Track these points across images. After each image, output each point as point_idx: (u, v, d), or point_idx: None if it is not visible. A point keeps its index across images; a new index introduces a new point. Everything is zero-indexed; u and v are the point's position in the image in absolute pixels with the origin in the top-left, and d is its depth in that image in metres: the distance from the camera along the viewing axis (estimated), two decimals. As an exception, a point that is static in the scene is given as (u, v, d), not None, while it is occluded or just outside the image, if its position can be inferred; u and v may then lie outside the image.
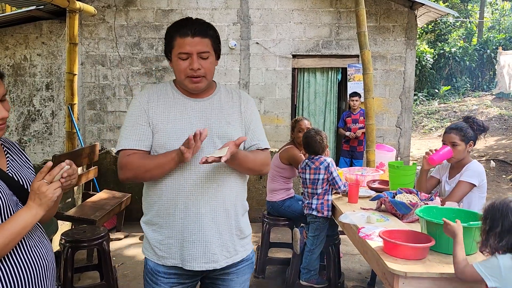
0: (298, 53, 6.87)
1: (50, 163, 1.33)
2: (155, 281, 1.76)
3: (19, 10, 6.45)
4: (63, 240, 3.20)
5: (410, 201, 2.58)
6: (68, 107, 4.96)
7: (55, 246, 3.73)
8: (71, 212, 4.04)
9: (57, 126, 7.02)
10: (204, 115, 1.73)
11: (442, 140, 2.85)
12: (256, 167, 1.77)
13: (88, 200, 4.51)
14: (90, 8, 5.26)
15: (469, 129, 2.73)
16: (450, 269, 1.85)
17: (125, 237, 4.74)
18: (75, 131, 5.04)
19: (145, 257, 1.82)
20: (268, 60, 6.88)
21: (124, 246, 4.50)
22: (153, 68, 6.90)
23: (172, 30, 1.70)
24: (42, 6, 6.13)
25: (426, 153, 2.77)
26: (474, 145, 2.79)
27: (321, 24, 6.80)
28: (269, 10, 6.79)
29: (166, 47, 1.73)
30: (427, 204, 2.51)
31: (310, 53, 6.87)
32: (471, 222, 1.97)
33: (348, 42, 6.83)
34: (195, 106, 1.75)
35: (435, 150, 2.74)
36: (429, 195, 2.65)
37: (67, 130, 5.06)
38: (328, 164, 3.17)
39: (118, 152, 1.73)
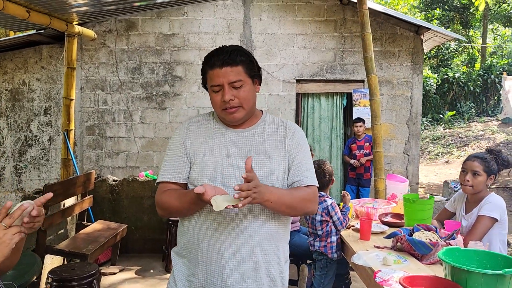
0: (302, 78, 6.72)
1: (9, 203, 1.14)
2: None
3: (20, 35, 6.36)
4: (49, 279, 2.95)
5: (430, 239, 2.34)
6: (63, 133, 4.78)
7: (41, 284, 3.46)
8: (62, 245, 3.80)
9: (54, 152, 6.83)
10: (243, 147, 1.62)
11: (462, 168, 2.66)
12: (295, 203, 1.55)
13: (81, 231, 4.28)
14: (89, 32, 5.15)
15: (493, 162, 2.55)
16: (485, 326, 1.59)
17: (120, 271, 4.46)
18: (71, 158, 4.84)
19: None
20: (272, 85, 6.73)
21: (118, 281, 4.22)
22: (154, 93, 6.75)
23: (204, 62, 1.64)
24: (42, 31, 6.04)
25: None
26: (494, 179, 2.60)
27: (325, 49, 6.68)
28: (272, 35, 6.68)
29: (203, 80, 1.67)
30: (449, 244, 2.27)
31: (314, 78, 6.72)
32: (506, 270, 1.72)
33: (353, 67, 6.69)
34: (235, 137, 1.65)
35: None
36: (450, 233, 2.41)
37: (62, 157, 4.86)
38: (327, 206, 2.90)
39: (157, 183, 1.70)
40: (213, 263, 1.55)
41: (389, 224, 2.98)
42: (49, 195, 1.20)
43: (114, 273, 4.38)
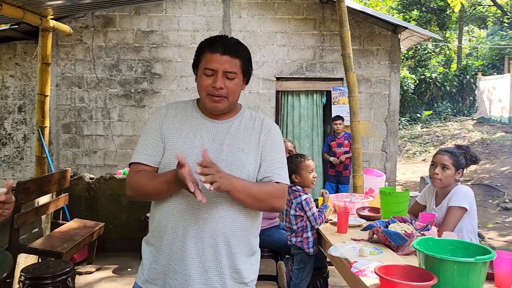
0: (281, 76, 6.74)
1: None
2: None
3: (-8, 30, 6.19)
4: (22, 277, 2.88)
5: (405, 231, 2.37)
6: (38, 130, 4.67)
7: (15, 284, 3.38)
8: (36, 244, 3.71)
9: (29, 151, 6.67)
10: (217, 138, 1.62)
11: (432, 161, 2.72)
12: (262, 196, 1.55)
13: (56, 230, 4.19)
14: (65, 27, 5.04)
15: (462, 157, 2.63)
16: (457, 312, 1.62)
17: (97, 270, 4.38)
18: (45, 155, 4.73)
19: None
20: (252, 83, 6.70)
21: (94, 280, 4.14)
22: (132, 91, 6.66)
23: (203, 44, 1.63)
24: (17, 26, 5.90)
25: None
26: (461, 174, 2.67)
27: (304, 47, 6.71)
28: (252, 33, 6.68)
29: (195, 61, 1.66)
30: (424, 234, 2.30)
31: (294, 76, 6.75)
32: (478, 257, 1.75)
33: (332, 65, 6.74)
34: (211, 127, 1.65)
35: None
36: (425, 225, 2.44)
37: (36, 155, 4.75)
38: (301, 201, 2.88)
39: (129, 165, 1.67)
40: (176, 250, 1.54)
41: (366, 218, 3.01)
42: (11, 181, 1.18)
43: (90, 272, 4.30)
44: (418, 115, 16.97)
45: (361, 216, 3.05)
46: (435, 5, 20.58)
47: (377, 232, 2.44)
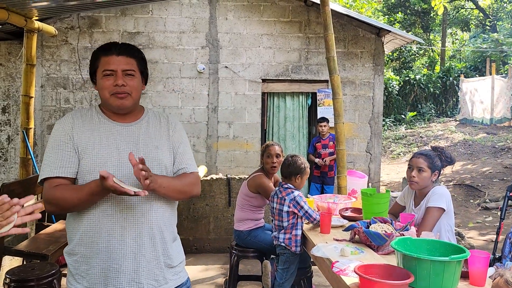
0: (267, 78, 6.80)
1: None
2: None
3: (-25, 30, 6.13)
4: (7, 279, 2.87)
5: (385, 231, 2.44)
6: (23, 131, 4.65)
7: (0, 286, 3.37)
8: (21, 246, 3.69)
9: (14, 152, 6.61)
10: (131, 140, 1.71)
11: (409, 164, 2.81)
12: (185, 188, 1.73)
13: (41, 232, 4.16)
14: (50, 28, 5.02)
15: (437, 159, 2.71)
16: (432, 309, 1.70)
17: (83, 271, 4.38)
18: (30, 157, 4.71)
19: None
20: (238, 84, 6.78)
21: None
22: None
23: (97, 51, 1.71)
24: (0, 26, 5.84)
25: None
26: (438, 176, 2.76)
27: (290, 49, 6.79)
28: (238, 34, 6.73)
29: (91, 69, 1.71)
30: (403, 234, 2.38)
31: (279, 78, 6.82)
32: (452, 256, 1.84)
33: (317, 67, 6.83)
34: (122, 131, 1.72)
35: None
36: (404, 225, 2.53)
37: (21, 156, 4.72)
38: (294, 197, 2.96)
39: (42, 181, 1.64)
40: (115, 250, 1.60)
41: (349, 218, 3.08)
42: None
43: (76, 274, 4.30)
44: (403, 116, 17.21)
45: (344, 217, 3.12)
46: (419, 7, 20.91)
47: (359, 232, 2.52)
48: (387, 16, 21.43)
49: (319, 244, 2.52)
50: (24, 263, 3.97)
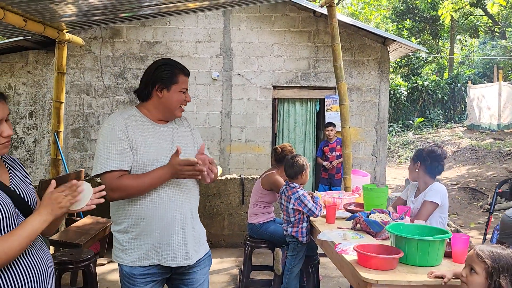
0: (278, 84, 7.18)
1: (75, 181, 1.55)
2: (132, 282, 2.00)
3: (6, 40, 6.59)
4: (49, 263, 3.26)
5: (383, 220, 2.78)
6: (54, 134, 5.06)
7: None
8: (55, 236, 4.09)
9: (39, 154, 7.06)
10: (170, 138, 2.07)
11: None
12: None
13: (72, 225, 4.57)
14: (78, 39, 5.46)
15: (421, 151, 3.06)
16: (416, 278, 2.04)
17: (108, 262, 4.77)
18: (60, 158, 5.13)
19: (119, 264, 2.02)
20: (250, 91, 7.16)
21: (107, 271, 4.54)
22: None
23: (176, 68, 2.06)
24: (30, 37, 6.30)
25: None
26: (419, 166, 3.05)
27: (300, 58, 7.16)
28: (250, 44, 7.12)
29: (166, 80, 2.03)
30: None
31: (289, 85, 7.19)
32: (436, 236, 2.18)
33: (325, 75, 7.18)
34: (162, 131, 2.07)
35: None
36: (400, 215, 2.86)
37: (52, 157, 5.13)
38: (299, 196, 3.28)
39: (101, 174, 1.93)
40: (168, 227, 1.97)
41: (352, 212, 3.42)
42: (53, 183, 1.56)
43: (102, 264, 4.69)
44: (411, 122, 17.43)
45: (348, 210, 3.46)
46: (428, 14, 21.13)
47: (359, 221, 2.86)
48: (395, 23, 21.70)
49: (324, 230, 2.87)
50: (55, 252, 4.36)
